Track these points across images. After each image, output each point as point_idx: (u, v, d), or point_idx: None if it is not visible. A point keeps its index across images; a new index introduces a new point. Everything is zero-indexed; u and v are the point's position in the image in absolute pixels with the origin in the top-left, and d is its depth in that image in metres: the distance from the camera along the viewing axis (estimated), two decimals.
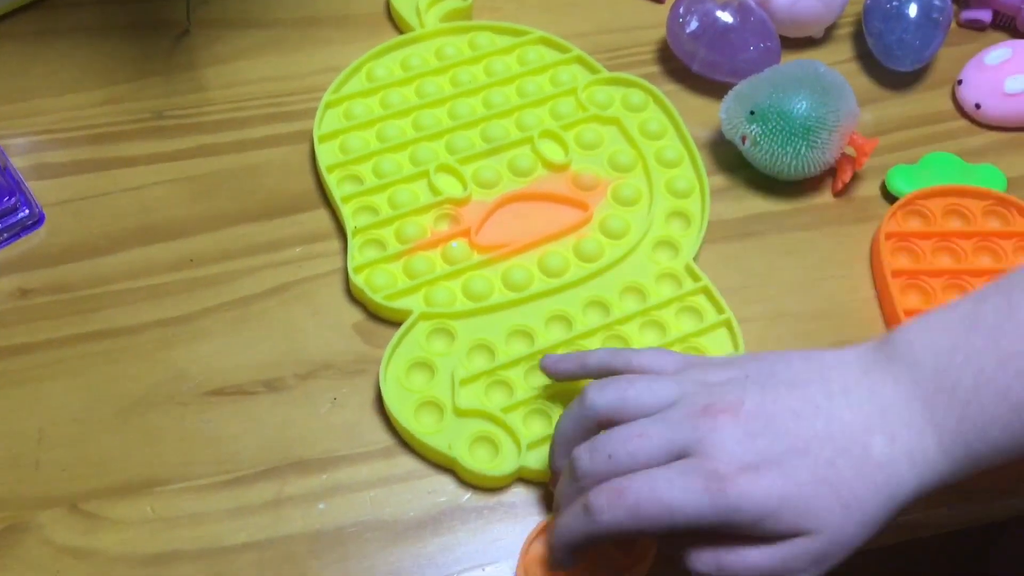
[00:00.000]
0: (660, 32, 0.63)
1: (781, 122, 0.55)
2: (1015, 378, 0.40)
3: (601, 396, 0.43)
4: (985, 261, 0.55)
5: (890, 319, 0.53)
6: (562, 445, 0.45)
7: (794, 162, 0.55)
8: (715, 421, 0.41)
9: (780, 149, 0.55)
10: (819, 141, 0.54)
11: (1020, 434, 0.41)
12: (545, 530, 0.46)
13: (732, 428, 0.41)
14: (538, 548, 0.46)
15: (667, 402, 0.42)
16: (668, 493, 0.40)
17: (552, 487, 0.47)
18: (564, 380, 0.49)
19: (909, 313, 0.52)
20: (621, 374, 0.45)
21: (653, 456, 0.41)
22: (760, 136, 0.55)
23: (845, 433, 0.41)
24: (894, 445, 0.41)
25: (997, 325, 0.41)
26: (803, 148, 0.55)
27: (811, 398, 0.42)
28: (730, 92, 0.57)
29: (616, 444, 0.42)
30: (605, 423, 0.43)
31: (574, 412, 0.44)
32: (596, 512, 0.41)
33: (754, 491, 0.39)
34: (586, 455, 0.42)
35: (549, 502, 0.48)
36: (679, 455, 0.41)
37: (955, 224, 0.56)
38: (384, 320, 0.53)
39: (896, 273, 0.54)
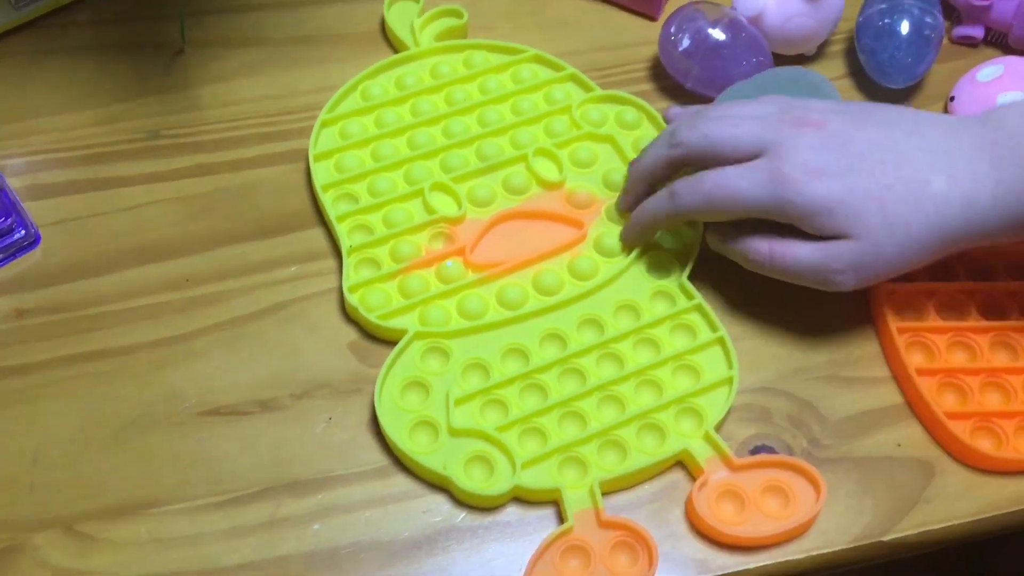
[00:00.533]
0: (653, 49, 0.64)
1: None
2: None
3: (691, 133, 0.50)
4: (977, 278, 0.55)
5: (883, 335, 0.53)
6: (639, 174, 0.54)
7: None
8: (799, 130, 0.48)
9: None
10: None
11: None
12: (548, 549, 0.46)
13: (811, 138, 0.48)
14: (543, 568, 0.46)
15: (753, 145, 0.49)
16: (737, 183, 0.48)
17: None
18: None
19: (902, 329, 0.53)
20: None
21: (741, 146, 0.49)
22: None
23: (910, 167, 0.48)
24: (952, 186, 0.47)
25: None
26: None
27: (893, 136, 0.49)
28: (718, 98, 0.58)
29: (714, 127, 0.50)
30: (690, 161, 0.51)
31: (659, 146, 0.52)
32: (677, 195, 0.50)
33: (811, 190, 0.47)
34: (687, 127, 0.51)
35: (544, 522, 0.48)
36: (761, 152, 0.48)
37: None
38: (379, 339, 0.53)
39: (890, 290, 0.54)
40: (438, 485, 0.49)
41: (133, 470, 0.49)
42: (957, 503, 0.49)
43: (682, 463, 0.50)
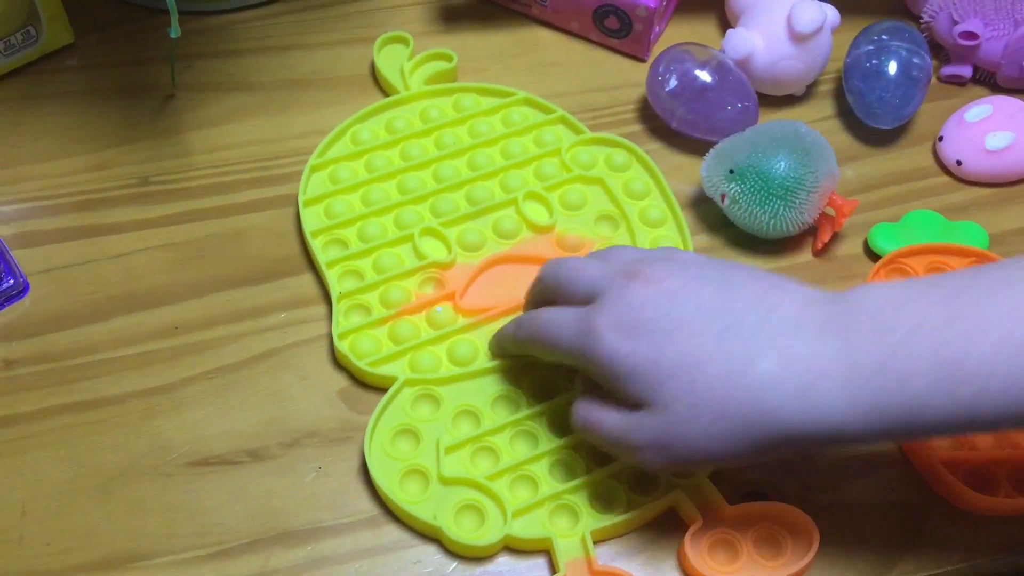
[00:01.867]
0: (642, 91, 0.64)
1: (759, 181, 0.55)
2: (958, 335, 0.39)
3: (551, 270, 0.49)
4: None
5: None
6: (525, 302, 0.53)
7: (772, 221, 0.55)
8: (627, 283, 0.44)
9: (758, 208, 0.55)
10: (797, 201, 0.55)
11: (940, 396, 0.39)
12: None
13: (636, 292, 0.44)
14: None
15: (587, 291, 0.46)
16: (555, 328, 0.46)
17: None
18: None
19: None
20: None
21: (577, 288, 0.46)
22: (739, 195, 0.56)
23: (738, 339, 0.41)
24: (785, 369, 0.40)
25: (957, 290, 0.40)
26: (781, 208, 0.55)
27: (731, 303, 0.43)
28: (711, 150, 0.58)
29: (567, 267, 0.48)
30: (546, 295, 0.49)
31: (536, 280, 0.51)
32: (518, 327, 0.50)
33: (613, 350, 0.43)
34: (551, 270, 0.49)
35: (535, 571, 0.48)
36: (592, 298, 0.45)
37: None
38: (369, 386, 0.53)
39: None
40: (429, 535, 0.48)
41: (121, 522, 0.49)
42: (950, 548, 0.48)
43: (674, 510, 0.49)
